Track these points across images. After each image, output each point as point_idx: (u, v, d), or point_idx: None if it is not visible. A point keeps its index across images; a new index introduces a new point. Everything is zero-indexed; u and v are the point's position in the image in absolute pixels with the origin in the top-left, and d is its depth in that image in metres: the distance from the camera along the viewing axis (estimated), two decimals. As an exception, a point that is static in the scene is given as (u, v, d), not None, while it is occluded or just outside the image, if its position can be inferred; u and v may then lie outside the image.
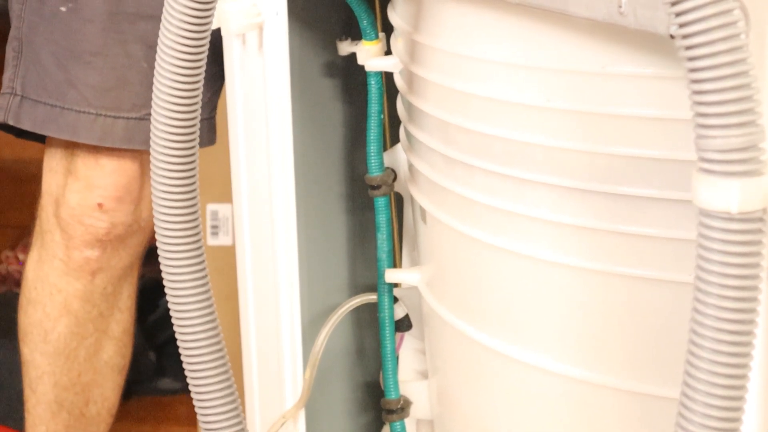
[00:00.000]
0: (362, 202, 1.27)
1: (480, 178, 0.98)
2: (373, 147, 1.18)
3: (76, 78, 1.30)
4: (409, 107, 1.09)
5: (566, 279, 0.94)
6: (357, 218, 1.29)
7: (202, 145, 1.29)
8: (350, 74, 1.24)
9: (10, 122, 1.32)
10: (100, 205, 1.34)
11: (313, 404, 1.23)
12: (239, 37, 1.14)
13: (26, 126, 1.32)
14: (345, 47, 1.20)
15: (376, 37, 1.16)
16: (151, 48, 1.29)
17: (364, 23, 1.16)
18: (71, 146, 1.34)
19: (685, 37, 0.71)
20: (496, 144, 0.96)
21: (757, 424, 0.84)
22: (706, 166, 0.72)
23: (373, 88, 1.17)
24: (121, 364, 1.47)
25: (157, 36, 0.88)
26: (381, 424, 1.31)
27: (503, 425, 1.04)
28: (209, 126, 1.35)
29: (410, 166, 1.12)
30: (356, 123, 1.27)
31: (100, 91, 1.30)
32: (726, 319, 0.72)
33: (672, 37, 0.73)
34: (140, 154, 1.35)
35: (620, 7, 0.81)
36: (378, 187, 1.19)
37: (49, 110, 1.31)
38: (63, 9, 1.29)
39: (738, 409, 0.73)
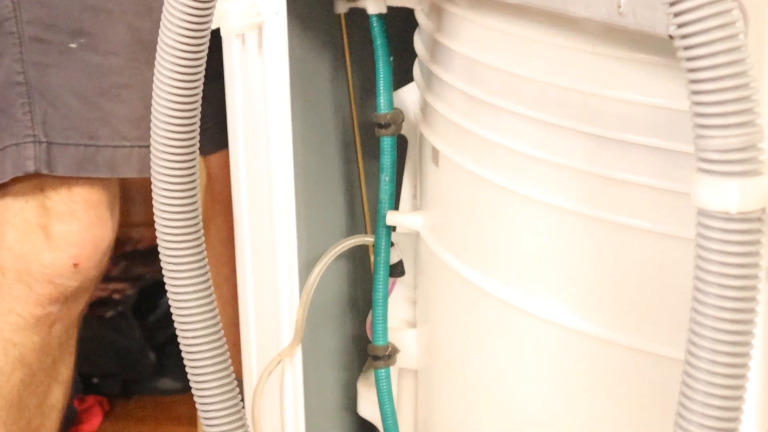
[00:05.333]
0: (361, 193, 1.27)
1: (506, 121, 0.96)
2: (383, 84, 1.14)
3: (109, 113, 1.26)
4: (433, 45, 1.06)
5: (581, 228, 0.93)
6: (355, 208, 1.29)
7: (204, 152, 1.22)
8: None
9: (44, 171, 1.26)
10: (75, 265, 1.29)
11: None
12: (239, 37, 1.14)
13: (62, 172, 1.26)
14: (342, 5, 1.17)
15: None
16: None
17: None
18: (40, 198, 1.28)
19: (683, 37, 0.71)
20: (527, 86, 0.93)
21: (755, 424, 0.84)
22: (705, 166, 0.72)
23: (376, 30, 1.13)
24: (63, 403, 1.41)
25: None
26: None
27: (496, 375, 1.02)
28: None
29: (425, 107, 1.09)
30: (356, 121, 1.27)
31: (132, 123, 1.27)
32: (725, 319, 0.72)
33: (671, 37, 0.73)
34: (113, 196, 1.29)
35: (619, 7, 0.81)
36: (387, 126, 1.14)
37: (83, 151, 1.26)
38: (74, 45, 1.25)
39: (737, 408, 0.74)
